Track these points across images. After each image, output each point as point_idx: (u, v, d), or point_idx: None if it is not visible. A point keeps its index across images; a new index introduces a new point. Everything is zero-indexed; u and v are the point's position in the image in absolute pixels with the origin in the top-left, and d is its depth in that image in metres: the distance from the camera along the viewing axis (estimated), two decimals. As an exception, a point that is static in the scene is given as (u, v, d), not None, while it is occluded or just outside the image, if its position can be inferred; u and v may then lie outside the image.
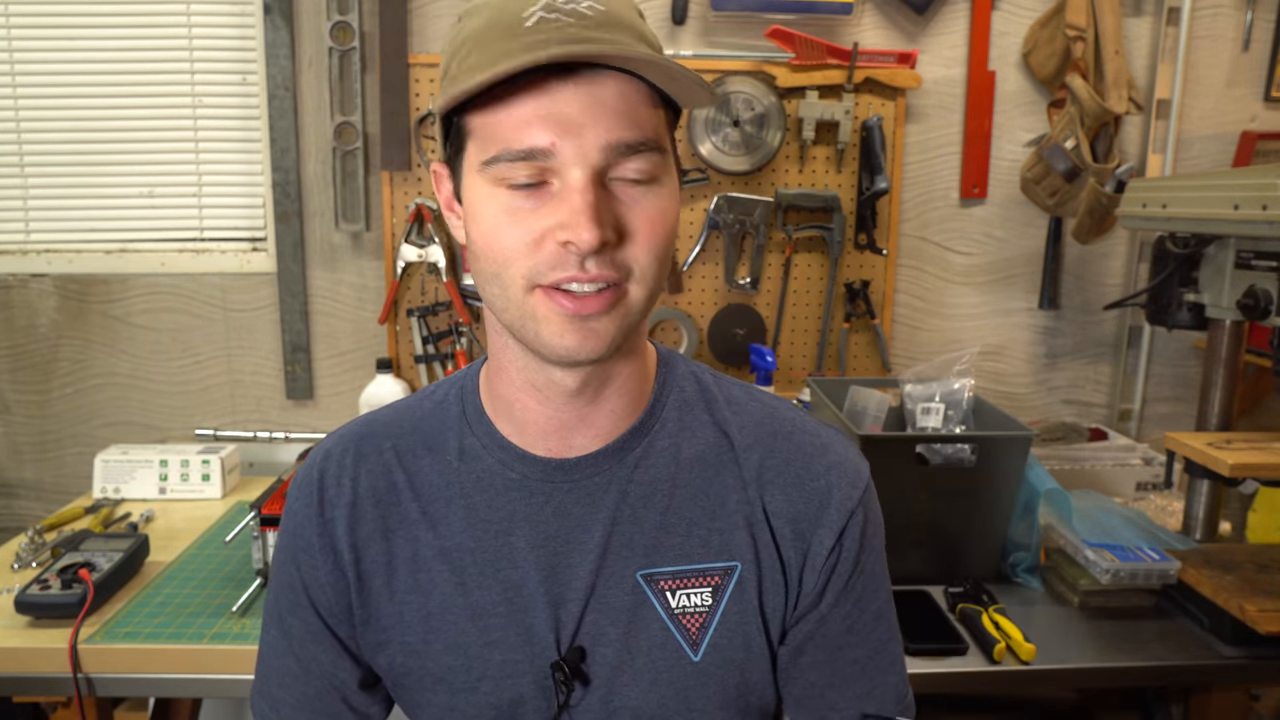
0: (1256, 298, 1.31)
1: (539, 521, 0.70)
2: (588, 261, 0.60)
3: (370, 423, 0.77)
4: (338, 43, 1.77)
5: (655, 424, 0.72)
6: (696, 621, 0.70)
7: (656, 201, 0.62)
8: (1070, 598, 1.34)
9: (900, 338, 1.98)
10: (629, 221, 0.61)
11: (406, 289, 1.88)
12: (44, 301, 1.89)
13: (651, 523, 0.70)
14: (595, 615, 0.70)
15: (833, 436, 0.75)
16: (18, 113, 1.85)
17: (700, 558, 0.70)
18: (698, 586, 0.70)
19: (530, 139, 0.58)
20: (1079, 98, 1.74)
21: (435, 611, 0.71)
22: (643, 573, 0.70)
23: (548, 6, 0.59)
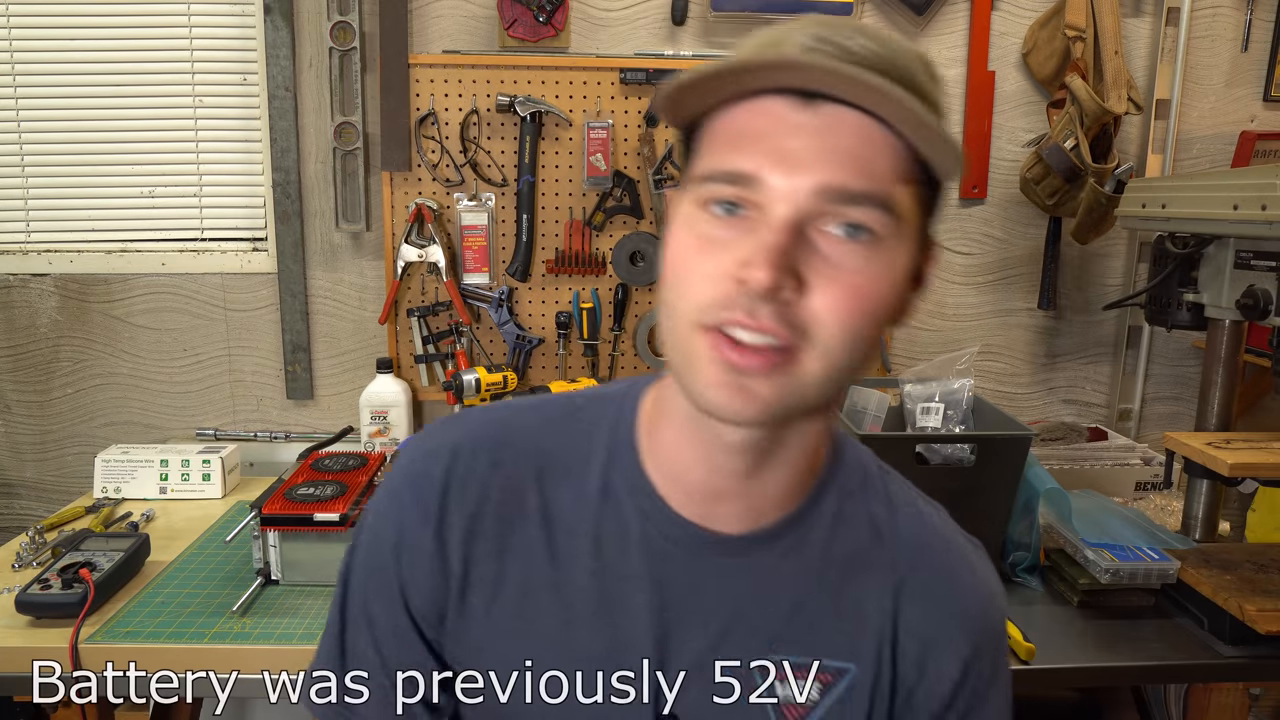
0: (1256, 298, 1.31)
1: (668, 587, 0.66)
2: (759, 308, 0.52)
3: (512, 427, 0.70)
4: (338, 43, 1.78)
5: (814, 515, 0.67)
6: (798, 713, 0.67)
7: (868, 267, 0.54)
8: (1070, 597, 1.34)
9: (900, 338, 1.98)
10: (825, 279, 0.53)
11: (407, 289, 1.88)
12: (44, 301, 1.89)
13: (782, 613, 0.66)
14: (697, 689, 0.66)
15: (981, 558, 0.73)
16: (18, 113, 1.85)
17: (822, 653, 0.67)
18: (809, 681, 0.67)
19: (739, 161, 0.53)
20: (1078, 98, 1.74)
21: (533, 645, 0.67)
22: (758, 661, 0.66)
23: (817, 38, 0.54)
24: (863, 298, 0.54)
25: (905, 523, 0.70)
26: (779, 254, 0.51)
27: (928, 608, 0.68)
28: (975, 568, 0.72)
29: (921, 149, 0.54)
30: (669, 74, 1.80)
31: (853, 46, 0.54)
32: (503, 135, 1.83)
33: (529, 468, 0.68)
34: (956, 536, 0.73)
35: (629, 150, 1.84)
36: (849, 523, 0.68)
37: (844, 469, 0.70)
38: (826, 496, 0.68)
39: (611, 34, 1.83)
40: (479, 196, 1.85)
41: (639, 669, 0.66)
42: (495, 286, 1.88)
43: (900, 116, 0.52)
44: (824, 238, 0.54)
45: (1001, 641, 0.73)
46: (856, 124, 0.53)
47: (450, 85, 1.80)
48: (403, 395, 1.82)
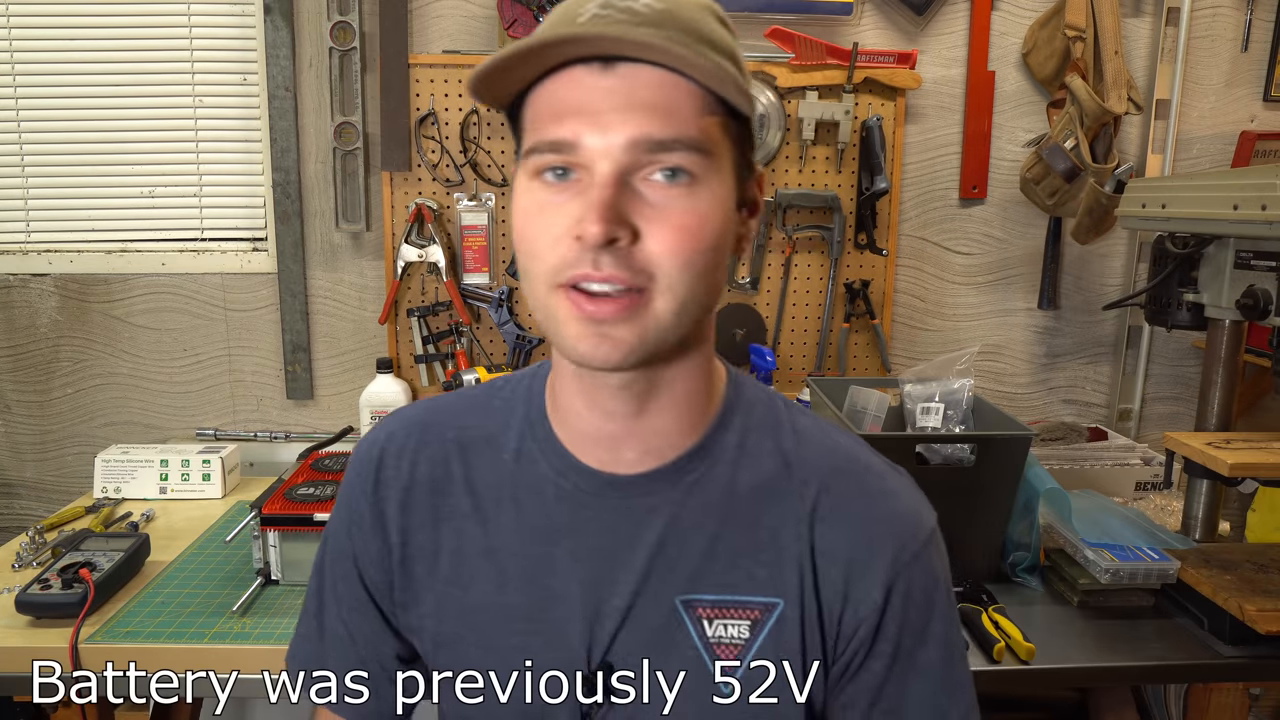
0: (1256, 298, 1.31)
1: (585, 534, 0.69)
2: (601, 259, 0.57)
3: (437, 410, 0.77)
4: (338, 43, 1.78)
5: (716, 448, 0.70)
6: (731, 653, 0.68)
7: (693, 204, 0.59)
8: (1070, 597, 1.34)
9: (900, 338, 1.98)
10: (654, 222, 0.58)
11: (407, 289, 1.88)
12: (44, 301, 1.89)
13: (698, 549, 0.68)
14: (629, 635, 0.69)
15: (901, 482, 0.72)
16: (18, 113, 1.85)
17: (744, 589, 0.68)
18: (736, 618, 0.68)
19: (559, 131, 0.58)
20: (1078, 98, 1.75)
21: (472, 608, 0.71)
22: (682, 598, 0.68)
23: (603, 4, 0.58)
24: (692, 233, 0.58)
25: (815, 451, 0.71)
26: (606, 207, 0.56)
27: (843, 531, 0.68)
28: (896, 492, 0.71)
29: (715, 89, 0.58)
30: (669, 74, 1.80)
31: (637, 7, 0.58)
32: (503, 135, 1.83)
33: (453, 442, 0.74)
34: (874, 460, 0.72)
35: (629, 150, 1.84)
36: (754, 454, 0.70)
37: (745, 405, 0.72)
38: (727, 431, 0.70)
39: (611, 34, 1.83)
40: (479, 196, 1.85)
41: (571, 620, 0.69)
42: (495, 286, 1.88)
43: (686, 64, 0.56)
44: (648, 185, 0.59)
45: (933, 573, 0.70)
46: (652, 78, 0.57)
47: (450, 85, 1.80)
48: (403, 395, 1.82)
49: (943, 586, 0.71)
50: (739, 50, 0.64)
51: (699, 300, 0.61)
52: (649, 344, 0.60)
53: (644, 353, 0.60)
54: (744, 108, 0.60)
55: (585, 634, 0.69)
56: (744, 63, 0.64)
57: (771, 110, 1.80)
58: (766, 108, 1.79)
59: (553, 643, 0.70)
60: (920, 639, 0.69)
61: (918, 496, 0.72)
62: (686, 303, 0.60)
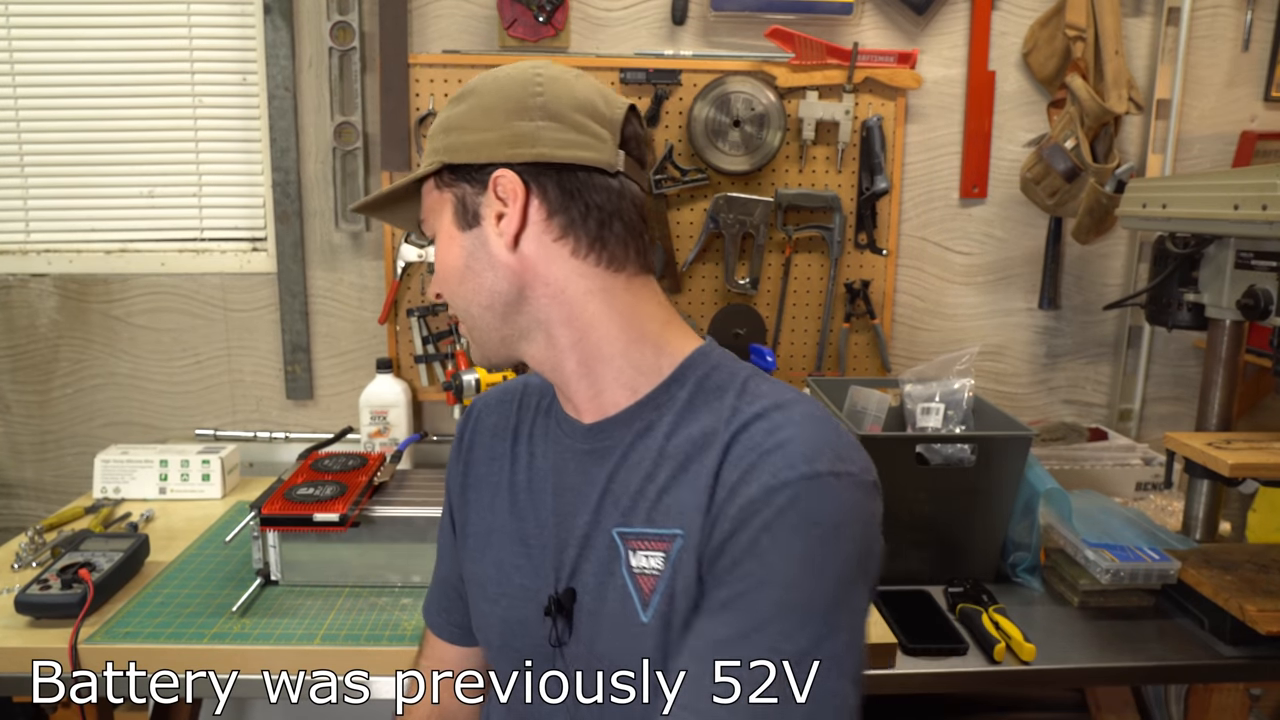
0: (1256, 298, 1.31)
1: (564, 473, 0.82)
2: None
3: (527, 381, 0.95)
4: (338, 43, 1.77)
5: (665, 401, 0.78)
6: (649, 583, 0.74)
7: (437, 255, 0.83)
8: (1070, 598, 1.34)
9: (900, 338, 1.98)
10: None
11: (406, 289, 1.88)
12: (44, 301, 1.89)
13: (635, 486, 0.76)
14: (585, 564, 0.79)
15: (811, 428, 0.71)
16: (18, 113, 1.85)
17: (661, 523, 0.74)
18: (654, 550, 0.74)
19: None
20: (1079, 98, 1.74)
21: (493, 529, 0.88)
22: (618, 530, 0.76)
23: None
24: (441, 275, 0.83)
25: (753, 405, 0.74)
26: (431, 281, 0.86)
27: (738, 464, 0.71)
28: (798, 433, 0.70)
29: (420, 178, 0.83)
30: (669, 74, 1.80)
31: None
32: (503, 135, 1.83)
33: (516, 400, 0.93)
34: (801, 409, 0.73)
35: (629, 150, 1.84)
36: (699, 410, 0.76)
37: (701, 369, 0.79)
38: (681, 387, 0.78)
39: (611, 34, 1.83)
40: (479, 196, 1.85)
41: (548, 548, 0.82)
42: (495, 286, 1.88)
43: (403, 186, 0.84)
44: None
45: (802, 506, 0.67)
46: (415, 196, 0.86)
47: (450, 85, 1.80)
48: (402, 395, 1.82)
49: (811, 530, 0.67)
50: (455, 110, 0.80)
51: (480, 314, 0.80)
52: (483, 350, 0.84)
53: (489, 356, 0.83)
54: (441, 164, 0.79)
55: (556, 561, 0.81)
56: (454, 116, 0.79)
57: (771, 110, 1.80)
58: (766, 108, 1.79)
59: (537, 566, 0.83)
60: (755, 556, 0.67)
61: (822, 439, 0.70)
62: (472, 318, 0.82)
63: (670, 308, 0.83)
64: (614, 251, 0.78)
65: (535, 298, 0.78)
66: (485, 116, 0.77)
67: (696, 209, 1.87)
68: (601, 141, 0.77)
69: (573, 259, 0.77)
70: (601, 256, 0.77)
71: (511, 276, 0.78)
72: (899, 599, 1.32)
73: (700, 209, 1.87)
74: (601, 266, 0.78)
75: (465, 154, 0.77)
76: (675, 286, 1.90)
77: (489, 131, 0.76)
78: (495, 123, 0.76)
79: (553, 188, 0.76)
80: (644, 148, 0.82)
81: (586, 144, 0.76)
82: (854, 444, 0.73)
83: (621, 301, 0.79)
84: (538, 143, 0.75)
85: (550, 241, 0.77)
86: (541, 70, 0.78)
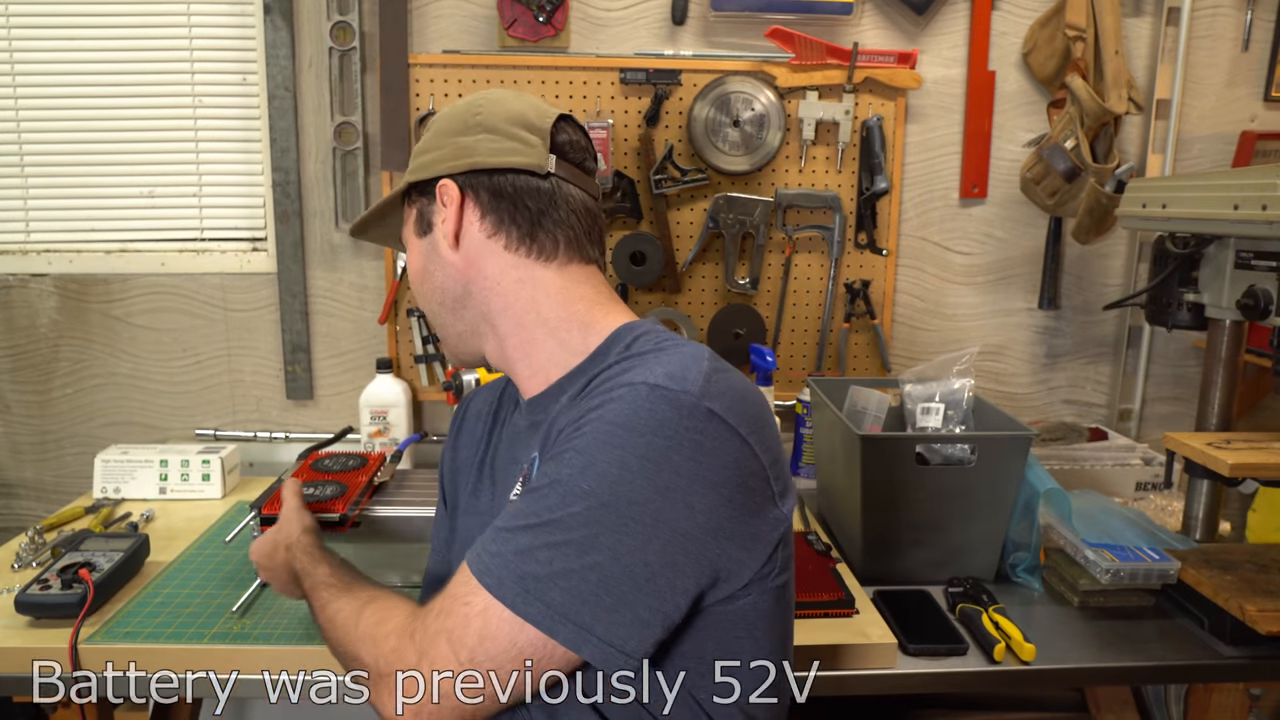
0: (1256, 298, 1.31)
1: (515, 447, 0.92)
2: None
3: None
4: (338, 43, 1.77)
5: (592, 370, 0.83)
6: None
7: (408, 265, 0.95)
8: (1070, 598, 1.34)
9: (900, 338, 1.98)
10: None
11: (406, 289, 1.88)
12: (44, 301, 1.89)
13: (538, 443, 0.84)
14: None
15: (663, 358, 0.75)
16: (18, 113, 1.85)
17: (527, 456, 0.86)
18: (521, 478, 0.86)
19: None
20: (1079, 98, 1.74)
21: (467, 509, 0.98)
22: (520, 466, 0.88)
23: None
24: (411, 282, 0.95)
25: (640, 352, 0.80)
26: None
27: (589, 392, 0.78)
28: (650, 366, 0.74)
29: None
30: (669, 74, 1.80)
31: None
32: (503, 135, 1.83)
33: (501, 388, 1.03)
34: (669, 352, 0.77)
35: (629, 150, 1.84)
36: (601, 380, 0.79)
37: (631, 340, 0.83)
38: (603, 360, 0.83)
39: (611, 34, 1.83)
40: (479, 196, 1.85)
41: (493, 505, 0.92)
42: (495, 286, 1.88)
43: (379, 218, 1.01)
44: None
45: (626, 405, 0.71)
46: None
47: (450, 85, 1.80)
48: (403, 395, 1.82)
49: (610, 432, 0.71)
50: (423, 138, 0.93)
51: (447, 316, 0.92)
52: (453, 353, 0.96)
53: (459, 357, 0.95)
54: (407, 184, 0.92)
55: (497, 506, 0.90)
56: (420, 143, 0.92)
57: (771, 110, 1.80)
58: (766, 108, 1.79)
59: (486, 515, 0.91)
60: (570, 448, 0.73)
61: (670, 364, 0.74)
62: (443, 324, 0.94)
63: (607, 291, 0.91)
64: (543, 244, 0.87)
65: (477, 291, 0.89)
66: (437, 138, 0.90)
67: (696, 209, 1.87)
68: (530, 147, 0.87)
69: (505, 252, 0.87)
70: (532, 249, 0.87)
71: (457, 273, 0.89)
72: (899, 599, 1.32)
73: (700, 209, 1.87)
74: (532, 258, 0.87)
75: (421, 171, 0.90)
76: (675, 286, 1.90)
77: (439, 150, 0.89)
78: (443, 141, 0.89)
79: (484, 191, 0.87)
80: (583, 152, 0.92)
81: (516, 150, 0.87)
82: (704, 373, 0.73)
83: (552, 286, 0.87)
84: (474, 153, 0.87)
85: (485, 238, 0.88)
86: (486, 95, 0.91)
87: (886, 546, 1.37)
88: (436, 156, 0.89)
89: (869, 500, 1.34)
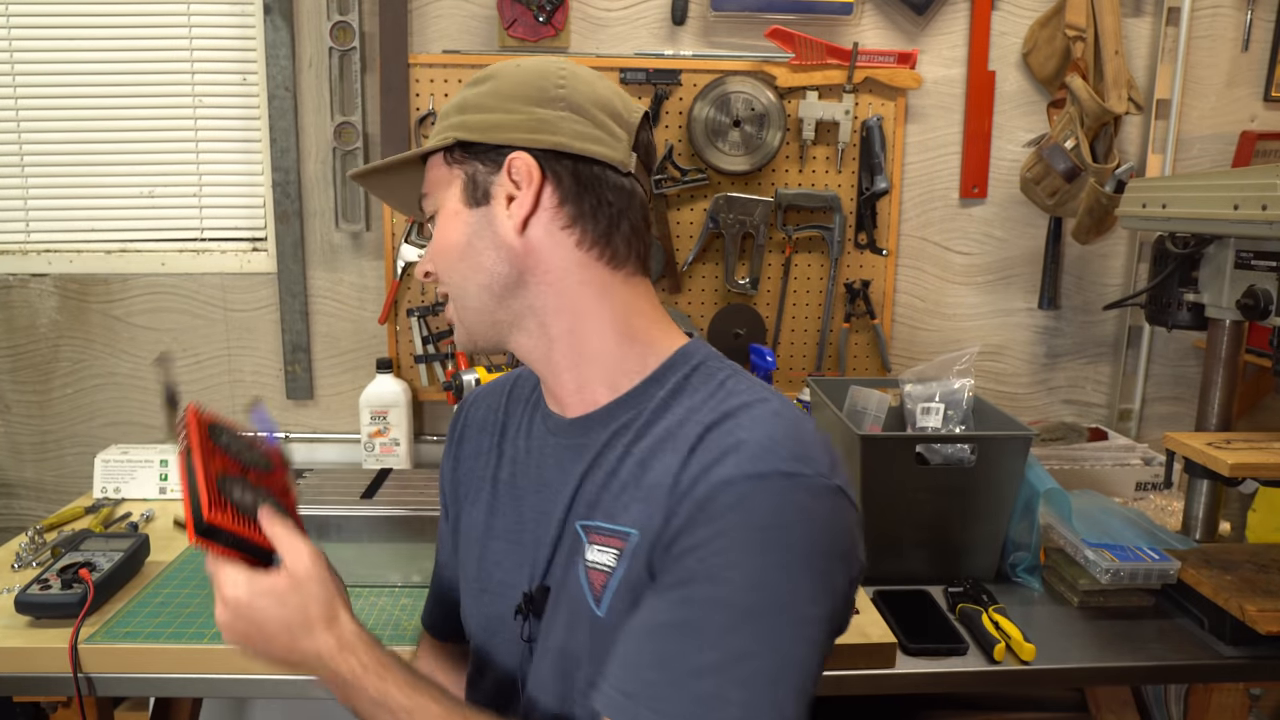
0: (1256, 298, 1.31)
1: (543, 468, 0.83)
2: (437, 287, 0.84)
3: (509, 374, 0.97)
4: (338, 43, 1.77)
5: (644, 399, 0.78)
6: (600, 579, 0.74)
7: (436, 235, 0.82)
8: (1070, 598, 1.34)
9: (900, 338, 1.98)
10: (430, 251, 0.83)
11: (406, 289, 1.88)
12: (44, 301, 1.89)
13: (600, 482, 0.77)
14: (557, 559, 0.79)
15: (771, 427, 0.70)
16: (18, 113, 1.85)
17: (619, 519, 0.74)
18: (608, 546, 0.74)
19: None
20: (1079, 98, 1.74)
21: (479, 524, 0.88)
22: (581, 523, 0.77)
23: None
24: (438, 251, 0.81)
25: (721, 401, 0.74)
26: (423, 259, 0.84)
27: (699, 465, 0.70)
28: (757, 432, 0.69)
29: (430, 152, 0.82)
30: (669, 74, 1.80)
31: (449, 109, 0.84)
32: (503, 135, 1.83)
33: (503, 394, 0.94)
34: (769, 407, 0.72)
35: (629, 150, 1.84)
36: (675, 407, 0.76)
37: (681, 368, 0.79)
38: (658, 388, 0.78)
39: (611, 34, 1.83)
40: (479, 196, 1.85)
41: (527, 544, 0.82)
42: (495, 286, 1.88)
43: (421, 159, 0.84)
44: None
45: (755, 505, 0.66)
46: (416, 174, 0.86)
47: (450, 85, 1.80)
48: (403, 395, 1.82)
49: (764, 537, 0.65)
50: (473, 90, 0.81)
51: (473, 294, 0.80)
52: (470, 332, 0.82)
53: (474, 338, 0.82)
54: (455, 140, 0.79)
55: (533, 557, 0.81)
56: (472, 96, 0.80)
57: (771, 110, 1.80)
58: (766, 108, 1.79)
59: (517, 562, 0.83)
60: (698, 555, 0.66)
61: (781, 437, 0.69)
62: (464, 298, 0.81)
63: (661, 309, 0.83)
64: (617, 248, 0.78)
65: (533, 284, 0.78)
66: (506, 100, 0.78)
67: (696, 209, 1.87)
68: (618, 140, 0.78)
69: (577, 250, 0.77)
70: (605, 252, 0.78)
71: (514, 259, 0.77)
72: (899, 599, 1.32)
73: (700, 209, 1.87)
74: (603, 262, 0.78)
75: (482, 133, 0.77)
76: (675, 286, 1.90)
77: (509, 114, 0.77)
78: (516, 107, 0.77)
79: (568, 177, 0.77)
80: (652, 155, 0.84)
81: (604, 140, 0.77)
82: (819, 445, 0.71)
83: (617, 298, 0.79)
84: (558, 131, 0.76)
85: (558, 229, 0.77)
86: (565, 66, 0.79)
87: (886, 546, 1.37)
88: (506, 121, 0.77)
89: (869, 500, 1.34)
